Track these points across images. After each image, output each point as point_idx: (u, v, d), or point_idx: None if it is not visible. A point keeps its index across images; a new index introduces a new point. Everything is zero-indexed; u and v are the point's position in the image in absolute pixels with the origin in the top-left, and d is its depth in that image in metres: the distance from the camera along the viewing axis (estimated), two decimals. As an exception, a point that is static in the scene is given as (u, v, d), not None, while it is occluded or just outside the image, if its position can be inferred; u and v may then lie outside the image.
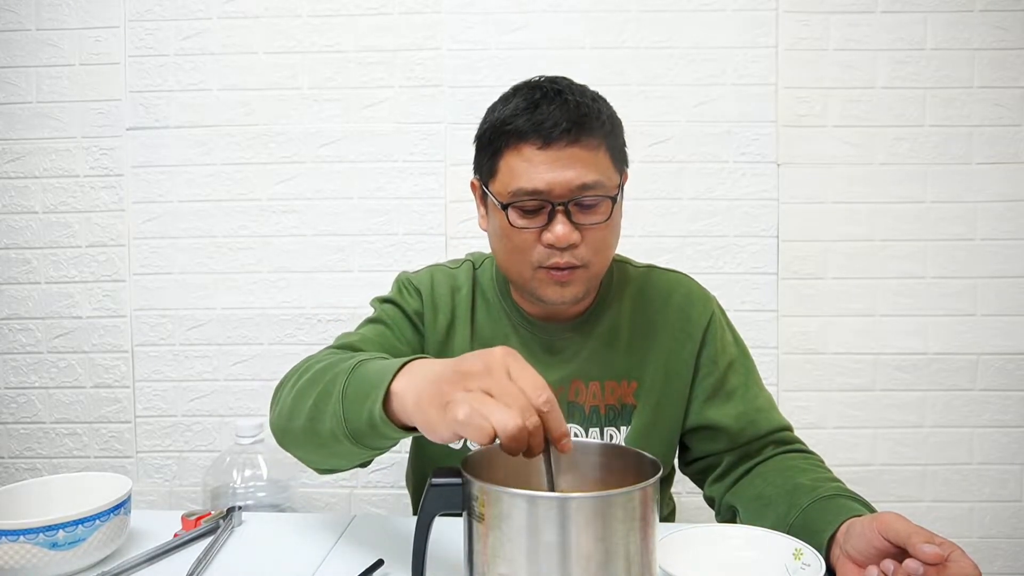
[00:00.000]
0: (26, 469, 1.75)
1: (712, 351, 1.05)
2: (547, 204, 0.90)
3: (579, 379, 1.04)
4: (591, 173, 0.90)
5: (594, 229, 0.92)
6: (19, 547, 0.78)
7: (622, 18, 1.66)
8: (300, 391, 0.84)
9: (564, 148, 0.89)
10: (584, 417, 1.03)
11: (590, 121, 0.91)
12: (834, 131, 1.66)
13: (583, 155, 0.90)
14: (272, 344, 1.72)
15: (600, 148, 0.92)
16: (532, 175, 0.90)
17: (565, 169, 0.89)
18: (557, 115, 0.90)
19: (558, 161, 0.89)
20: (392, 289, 1.09)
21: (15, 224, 1.73)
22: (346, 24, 1.68)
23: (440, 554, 0.74)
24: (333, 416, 0.74)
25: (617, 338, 1.05)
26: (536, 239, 0.92)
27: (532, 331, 1.04)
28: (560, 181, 0.89)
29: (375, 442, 0.74)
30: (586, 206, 0.91)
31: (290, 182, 1.70)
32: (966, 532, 1.67)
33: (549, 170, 0.89)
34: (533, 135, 0.90)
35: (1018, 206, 1.65)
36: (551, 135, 0.89)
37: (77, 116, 1.71)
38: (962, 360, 1.67)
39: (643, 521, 0.58)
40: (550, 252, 0.92)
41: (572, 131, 0.89)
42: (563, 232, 0.89)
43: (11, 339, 1.74)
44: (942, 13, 1.64)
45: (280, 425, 0.90)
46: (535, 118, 0.90)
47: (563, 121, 0.89)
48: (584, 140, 0.90)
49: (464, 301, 1.05)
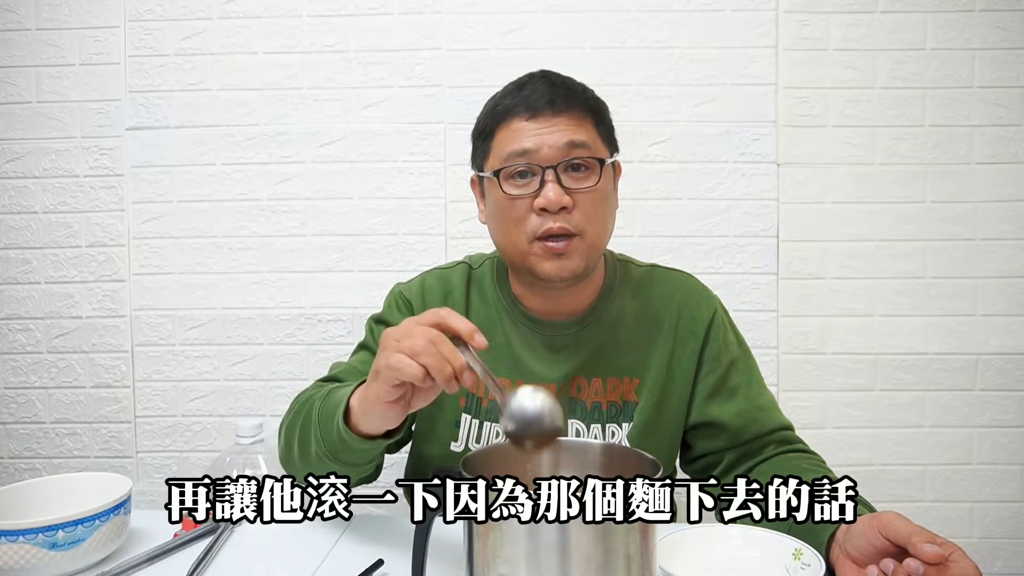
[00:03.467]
0: (26, 469, 1.75)
1: (715, 349, 1.05)
2: (538, 170, 0.94)
3: (581, 375, 1.04)
4: (579, 134, 0.94)
5: (585, 195, 0.94)
6: (19, 547, 0.78)
7: (622, 18, 1.66)
8: (290, 424, 0.95)
9: (550, 117, 0.94)
10: (586, 413, 1.04)
11: (575, 95, 0.97)
12: (834, 131, 1.66)
13: (570, 122, 0.95)
14: (272, 344, 1.72)
15: (586, 120, 0.97)
16: (521, 140, 0.94)
17: (552, 133, 0.94)
18: (542, 89, 0.96)
19: (545, 127, 0.94)
20: (384, 305, 1.12)
21: (15, 224, 1.73)
22: (346, 24, 1.68)
23: (440, 554, 0.74)
24: (315, 440, 0.86)
25: (619, 335, 1.05)
26: (529, 208, 0.94)
27: (533, 328, 1.05)
28: (548, 142, 0.93)
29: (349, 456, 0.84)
30: (576, 168, 0.95)
31: (290, 182, 1.70)
32: (966, 532, 1.67)
33: (537, 134, 0.94)
34: (521, 107, 0.96)
35: (1018, 206, 1.65)
36: (537, 106, 0.95)
37: (77, 116, 1.71)
38: (962, 360, 1.67)
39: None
40: (543, 220, 0.94)
41: (556, 102, 0.95)
42: (554, 194, 0.92)
43: (11, 339, 1.74)
44: (942, 13, 1.64)
45: (282, 458, 0.99)
46: (522, 94, 0.97)
47: (548, 94, 0.95)
48: (569, 111, 0.95)
49: (458, 302, 1.07)
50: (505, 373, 1.03)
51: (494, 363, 1.03)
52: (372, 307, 1.20)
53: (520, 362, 1.04)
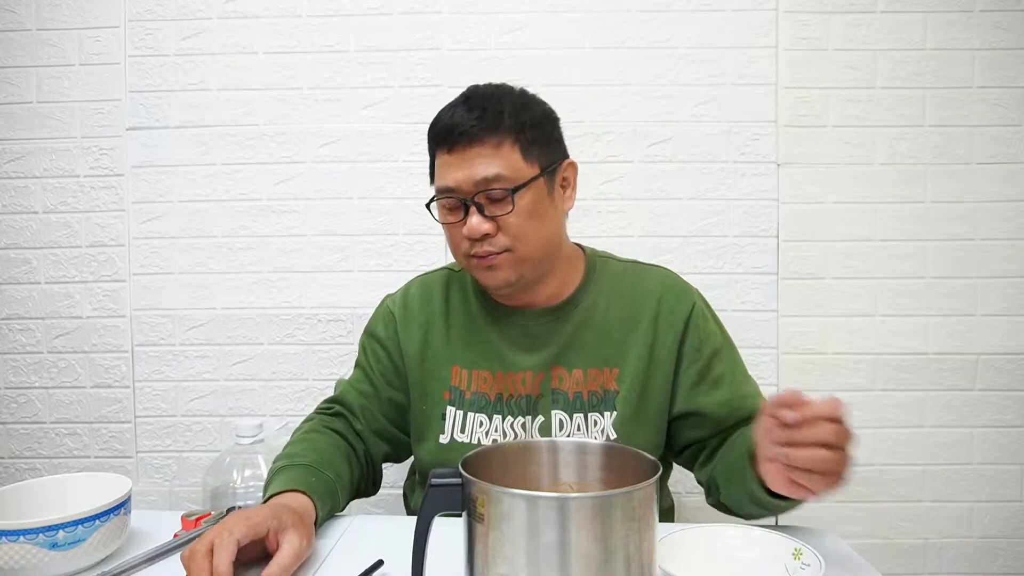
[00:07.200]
0: (26, 469, 1.75)
1: (695, 340, 1.08)
2: (460, 204, 1.01)
3: (560, 366, 1.08)
4: (492, 167, 0.99)
5: (507, 218, 1.00)
6: (19, 547, 0.79)
7: (622, 18, 1.66)
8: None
9: (464, 150, 1.00)
10: (568, 403, 1.07)
11: (489, 121, 1.00)
12: (834, 131, 1.66)
13: (484, 152, 1.00)
14: (272, 344, 1.72)
15: (504, 143, 1.00)
16: (444, 175, 1.02)
17: (467, 168, 1.00)
18: (460, 118, 1.01)
19: (463, 161, 1.00)
20: (371, 320, 1.20)
21: (15, 224, 1.73)
22: (346, 24, 1.68)
23: (440, 554, 0.74)
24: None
25: (596, 325, 1.09)
26: (461, 234, 1.02)
27: (511, 320, 1.10)
28: (463, 179, 1.00)
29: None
30: (495, 200, 1.00)
31: (290, 182, 1.70)
32: (966, 532, 1.67)
33: (458, 169, 1.00)
34: (443, 142, 1.02)
35: (1018, 206, 1.65)
36: (452, 140, 1.01)
37: (77, 116, 1.71)
38: (962, 360, 1.67)
39: (643, 521, 0.58)
40: (472, 243, 1.01)
41: (468, 133, 1.00)
42: (473, 224, 1.00)
43: (11, 339, 1.74)
44: (942, 13, 1.64)
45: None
46: (443, 126, 1.02)
47: (463, 123, 1.00)
48: (484, 140, 1.00)
49: (438, 305, 1.14)
50: (487, 366, 1.09)
51: (475, 356, 1.10)
52: (371, 307, 1.20)
53: (500, 354, 1.09)
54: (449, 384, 1.10)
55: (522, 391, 1.08)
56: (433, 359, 1.12)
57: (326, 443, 1.05)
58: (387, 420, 1.13)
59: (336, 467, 1.01)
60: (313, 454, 1.00)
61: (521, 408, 1.08)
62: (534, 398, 1.08)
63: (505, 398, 1.08)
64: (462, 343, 1.11)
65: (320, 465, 0.98)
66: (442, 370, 1.11)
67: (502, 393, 1.08)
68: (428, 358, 1.11)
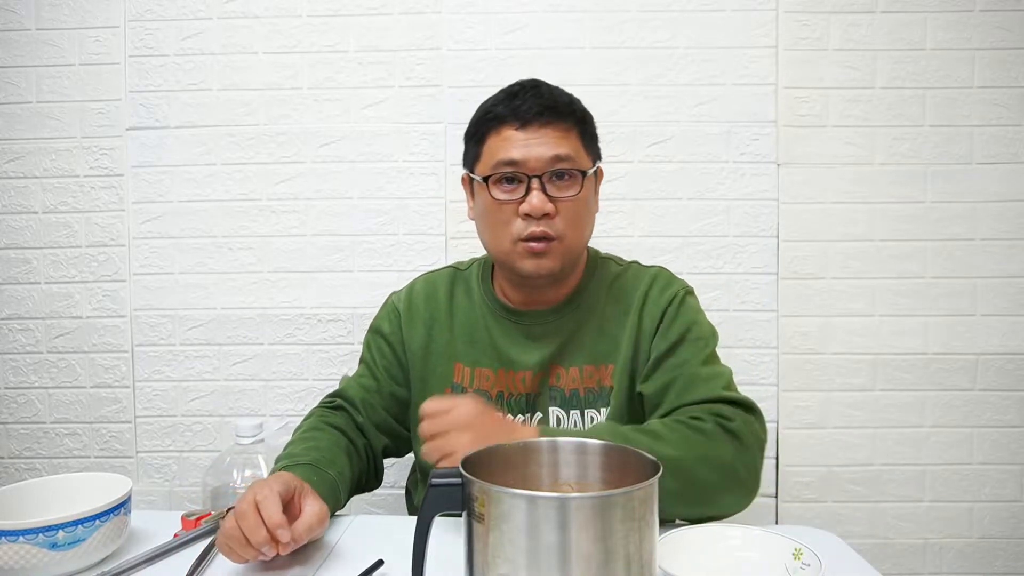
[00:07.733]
0: (26, 469, 1.75)
1: (666, 326, 1.08)
2: (524, 178, 1.00)
3: (558, 364, 1.09)
4: (564, 146, 1.01)
5: (568, 202, 1.01)
6: (19, 547, 0.79)
7: (622, 18, 1.66)
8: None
9: (538, 129, 1.01)
10: (564, 399, 1.09)
11: (563, 107, 1.03)
12: (834, 131, 1.66)
13: (556, 134, 1.02)
14: (272, 344, 1.72)
15: (572, 131, 1.03)
16: (509, 149, 1.01)
17: (539, 145, 1.01)
18: (532, 101, 1.02)
19: (533, 138, 1.01)
20: (377, 316, 1.21)
21: (15, 224, 1.73)
22: (346, 24, 1.68)
23: (440, 554, 0.74)
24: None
25: (592, 323, 1.10)
26: (515, 213, 1.01)
27: (513, 319, 1.12)
28: (535, 155, 1.00)
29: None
30: (560, 178, 1.01)
31: (290, 182, 1.70)
32: (966, 532, 1.67)
33: (525, 146, 1.01)
34: (511, 118, 1.02)
35: (1018, 206, 1.65)
36: (526, 117, 1.01)
37: (77, 116, 1.71)
38: (962, 360, 1.67)
39: (643, 521, 0.58)
40: (527, 224, 1.01)
41: (545, 114, 1.01)
42: (538, 202, 0.99)
43: (11, 339, 1.74)
44: (942, 13, 1.64)
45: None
46: (513, 104, 1.03)
47: (537, 106, 1.02)
48: (556, 123, 1.02)
49: (442, 301, 1.15)
50: (487, 363, 1.11)
51: (477, 354, 1.12)
52: (372, 307, 1.21)
53: (500, 352, 1.11)
54: (451, 381, 1.12)
55: (522, 389, 1.09)
56: (436, 356, 1.12)
57: (327, 441, 1.05)
58: (388, 414, 1.14)
59: (337, 464, 1.01)
60: (314, 452, 1.00)
61: (520, 406, 1.09)
62: (533, 396, 1.09)
63: (506, 396, 1.10)
64: (465, 341, 1.12)
65: (321, 464, 0.98)
66: (445, 367, 1.12)
67: (503, 391, 1.10)
68: (431, 354, 1.13)
